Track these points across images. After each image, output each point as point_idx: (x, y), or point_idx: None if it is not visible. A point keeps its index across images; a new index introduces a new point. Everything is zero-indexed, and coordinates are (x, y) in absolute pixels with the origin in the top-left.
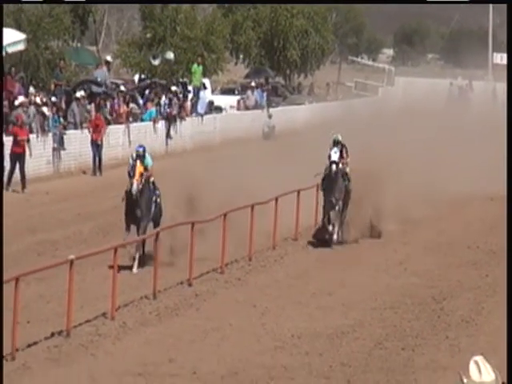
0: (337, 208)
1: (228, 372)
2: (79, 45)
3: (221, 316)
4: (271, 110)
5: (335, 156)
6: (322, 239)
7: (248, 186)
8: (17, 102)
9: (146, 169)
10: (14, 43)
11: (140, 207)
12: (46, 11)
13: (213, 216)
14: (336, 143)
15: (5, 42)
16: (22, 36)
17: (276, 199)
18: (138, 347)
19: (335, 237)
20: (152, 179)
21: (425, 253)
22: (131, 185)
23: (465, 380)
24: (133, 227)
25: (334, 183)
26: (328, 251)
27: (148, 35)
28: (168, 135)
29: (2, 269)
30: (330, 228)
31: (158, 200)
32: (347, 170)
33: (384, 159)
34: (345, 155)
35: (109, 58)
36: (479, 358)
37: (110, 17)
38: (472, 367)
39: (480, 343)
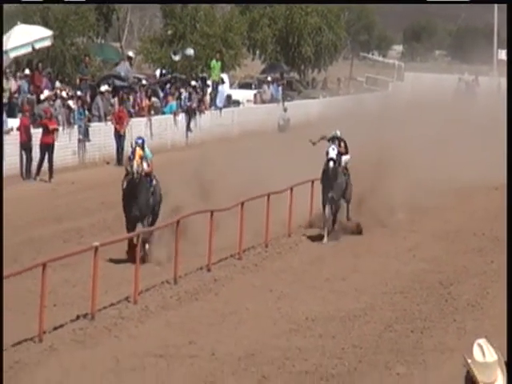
0: (339, 204)
1: (245, 353)
2: (103, 41)
3: (238, 300)
4: (286, 103)
5: (333, 153)
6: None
7: (264, 175)
8: (42, 96)
9: (145, 160)
10: (42, 39)
11: (137, 203)
12: (72, 9)
13: (230, 205)
14: (334, 139)
15: (32, 39)
16: (49, 33)
17: (291, 189)
18: (159, 330)
19: (325, 238)
20: (152, 172)
21: (433, 240)
22: (131, 166)
23: (469, 361)
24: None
25: (332, 180)
26: (341, 240)
27: (169, 32)
28: (188, 128)
29: (2, 263)
30: (325, 232)
31: (157, 191)
32: (347, 164)
33: (393, 151)
34: (343, 150)
35: (131, 53)
36: (482, 341)
37: (133, 14)
38: (476, 350)
39: (485, 326)
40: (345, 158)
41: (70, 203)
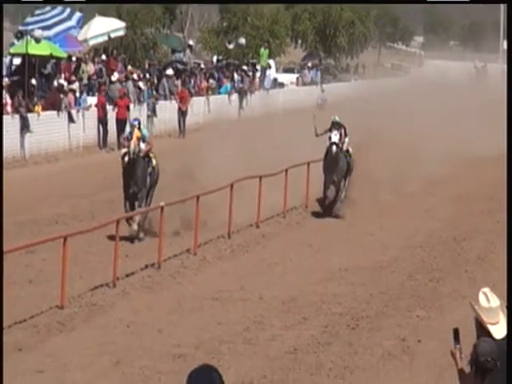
0: (340, 185)
1: (288, 298)
2: (168, 32)
3: (282, 253)
4: (324, 85)
5: (335, 138)
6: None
7: (305, 145)
8: (113, 78)
9: (144, 140)
10: (116, 30)
11: (135, 180)
12: (142, 4)
13: (276, 171)
14: (335, 125)
15: (109, 29)
16: (122, 24)
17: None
18: (215, 277)
19: (337, 206)
20: (151, 154)
21: (447, 203)
22: (128, 147)
23: (476, 306)
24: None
25: (334, 163)
26: (369, 202)
27: (224, 24)
28: (240, 106)
29: (2, 261)
30: (330, 198)
31: (154, 171)
32: (349, 148)
33: (410, 124)
34: (343, 136)
35: (192, 42)
36: (487, 290)
37: (194, 9)
38: (481, 297)
39: (492, 276)
40: (346, 140)
41: None
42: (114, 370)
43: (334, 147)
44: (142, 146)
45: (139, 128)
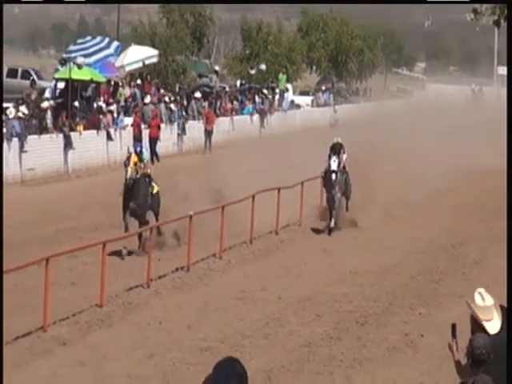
0: (341, 202)
1: (303, 297)
2: (197, 58)
3: (299, 257)
4: (336, 106)
5: (334, 165)
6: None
7: (319, 160)
8: (147, 100)
9: (141, 161)
10: (150, 57)
11: (136, 198)
12: (173, 34)
13: (293, 184)
14: (337, 146)
15: (142, 56)
16: (155, 52)
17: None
18: (238, 279)
19: (332, 225)
20: (149, 173)
21: (446, 213)
22: (126, 172)
23: (472, 305)
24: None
25: (334, 181)
26: (377, 212)
27: (247, 52)
28: (261, 125)
29: (2, 263)
30: (332, 223)
31: (154, 192)
32: (345, 165)
33: (413, 142)
34: (342, 155)
35: (218, 68)
36: (482, 290)
37: (220, 38)
38: (477, 296)
39: (487, 277)
40: (344, 157)
41: (170, 180)
42: (148, 361)
43: (334, 175)
44: (142, 168)
45: (140, 152)
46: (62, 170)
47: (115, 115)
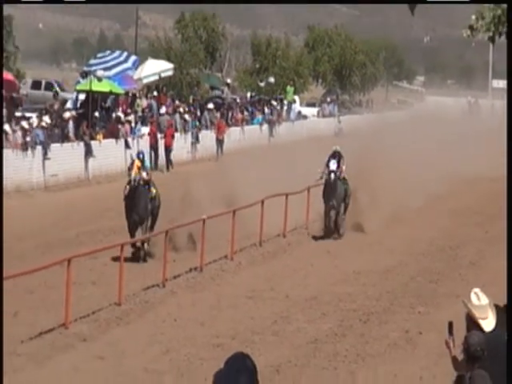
0: (340, 209)
1: (310, 296)
2: (209, 72)
3: (305, 259)
4: (340, 117)
5: (333, 166)
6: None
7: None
8: (162, 111)
9: (145, 171)
10: (165, 70)
11: (136, 208)
12: (188, 48)
13: (300, 189)
14: (335, 154)
15: (159, 70)
16: (170, 65)
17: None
18: (248, 279)
19: (340, 232)
20: (151, 181)
21: (445, 216)
22: (129, 175)
23: (468, 304)
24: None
25: (333, 190)
26: (379, 216)
27: (256, 65)
28: (270, 134)
29: (2, 263)
30: (332, 225)
31: (155, 197)
32: (345, 176)
33: (413, 150)
34: (341, 165)
35: (229, 81)
36: (478, 290)
37: (231, 52)
38: (473, 296)
39: (482, 279)
40: (343, 168)
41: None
42: (163, 356)
43: (332, 175)
44: (144, 174)
45: (143, 160)
46: (83, 176)
47: (133, 125)
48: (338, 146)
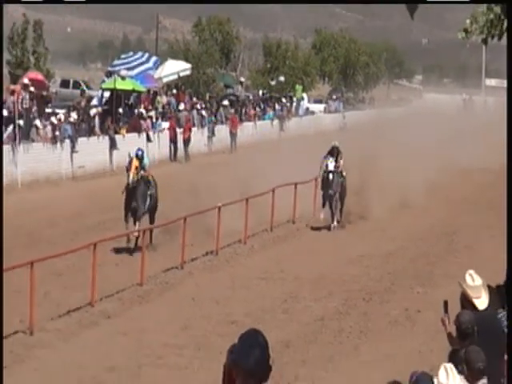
0: (334, 200)
1: (317, 277)
2: (224, 71)
3: (313, 243)
4: (345, 113)
5: (331, 165)
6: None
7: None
8: (181, 107)
9: (143, 168)
10: (184, 70)
11: (136, 199)
12: (204, 50)
13: (308, 179)
14: (334, 150)
15: (177, 69)
16: (188, 65)
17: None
18: (260, 261)
19: (334, 223)
20: (150, 177)
21: (442, 204)
22: (128, 176)
23: (463, 285)
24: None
25: (331, 181)
26: (381, 205)
27: (268, 65)
28: (280, 129)
29: (2, 261)
30: (335, 222)
31: (153, 194)
32: (342, 170)
33: (412, 143)
34: (339, 159)
35: (243, 79)
36: (472, 272)
37: (244, 53)
38: (467, 277)
39: (477, 261)
40: (341, 162)
41: (201, 176)
42: (182, 333)
43: (331, 175)
44: (142, 172)
45: (142, 157)
46: (108, 167)
47: (154, 120)
48: (337, 142)
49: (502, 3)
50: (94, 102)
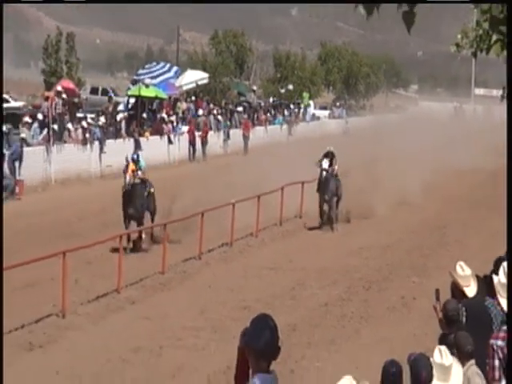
0: (331, 203)
1: (321, 267)
2: (239, 80)
3: (318, 236)
4: (347, 119)
5: (325, 165)
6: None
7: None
8: (199, 113)
9: (140, 170)
10: (202, 79)
11: (133, 203)
12: (220, 61)
13: (314, 178)
14: (329, 154)
15: (196, 78)
16: (206, 75)
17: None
18: (270, 253)
19: (334, 225)
20: (146, 179)
21: (436, 202)
22: (125, 178)
23: (454, 274)
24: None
25: (326, 185)
26: (380, 202)
27: (278, 75)
28: (289, 133)
29: (2, 260)
30: (325, 217)
31: (151, 192)
32: (337, 173)
33: (409, 147)
34: (334, 163)
35: (255, 88)
36: (462, 263)
37: (257, 64)
38: (458, 268)
39: (466, 253)
40: (335, 167)
41: (216, 175)
42: (200, 317)
43: (324, 172)
44: (139, 173)
45: (138, 161)
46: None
47: (174, 124)
48: (332, 147)
49: (501, 3)
50: (121, 107)
